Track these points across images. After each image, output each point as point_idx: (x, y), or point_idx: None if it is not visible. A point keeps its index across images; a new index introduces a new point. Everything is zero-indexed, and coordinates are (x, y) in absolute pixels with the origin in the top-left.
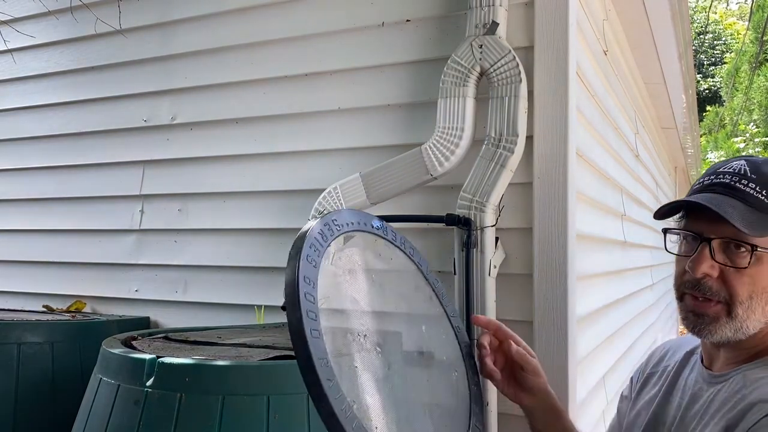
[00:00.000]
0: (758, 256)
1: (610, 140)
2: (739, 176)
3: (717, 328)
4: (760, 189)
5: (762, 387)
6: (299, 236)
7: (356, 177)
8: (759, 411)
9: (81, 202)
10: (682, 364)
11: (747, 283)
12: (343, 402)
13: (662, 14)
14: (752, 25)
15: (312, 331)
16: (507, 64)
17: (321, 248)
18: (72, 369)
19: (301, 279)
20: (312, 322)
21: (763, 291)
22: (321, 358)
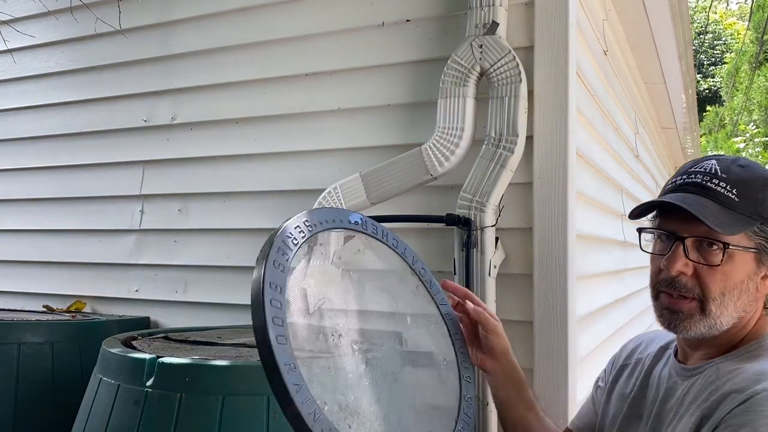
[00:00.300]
0: (730, 254)
1: (610, 140)
2: (711, 176)
3: (691, 325)
4: (731, 188)
5: (735, 378)
6: (267, 240)
7: (356, 177)
8: (732, 400)
9: (81, 202)
10: (656, 358)
11: (720, 280)
12: (311, 406)
13: (662, 14)
14: (752, 25)
15: (278, 338)
16: (507, 64)
17: (290, 251)
18: (72, 369)
19: (267, 285)
20: (278, 328)
21: (734, 287)
22: (287, 364)
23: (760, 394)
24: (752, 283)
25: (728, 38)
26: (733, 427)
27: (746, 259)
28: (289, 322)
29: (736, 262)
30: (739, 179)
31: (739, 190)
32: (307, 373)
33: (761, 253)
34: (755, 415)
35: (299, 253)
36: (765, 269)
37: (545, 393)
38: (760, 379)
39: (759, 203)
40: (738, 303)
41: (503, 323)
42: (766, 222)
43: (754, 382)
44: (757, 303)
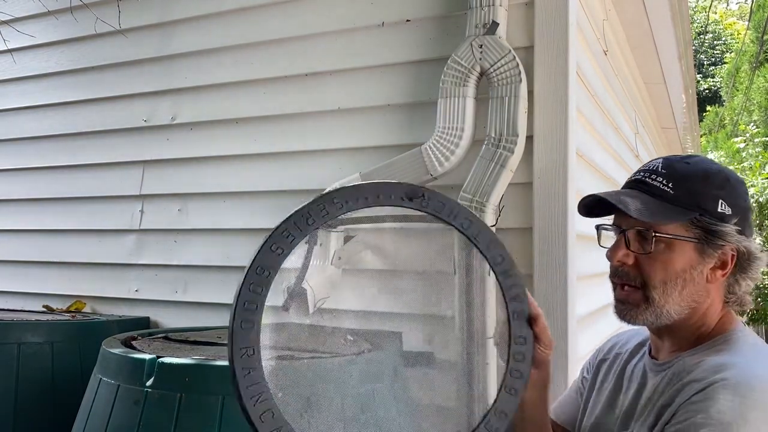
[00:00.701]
0: (668, 244)
1: (610, 140)
2: (650, 172)
3: (638, 313)
4: (667, 182)
5: (696, 369)
6: (282, 220)
7: (356, 177)
8: (691, 389)
9: (81, 202)
10: (632, 354)
11: (659, 269)
12: (258, 390)
13: (662, 14)
14: (752, 25)
15: (243, 323)
16: (507, 64)
17: (300, 233)
18: (72, 369)
19: (254, 268)
20: (247, 313)
21: (677, 276)
22: (243, 348)
23: (717, 382)
24: (697, 273)
25: (728, 38)
26: (690, 413)
27: (686, 248)
28: (273, 306)
29: (676, 252)
30: (677, 174)
31: (675, 184)
32: (276, 364)
33: (703, 243)
34: (711, 401)
35: (322, 232)
36: (712, 260)
37: None
38: (719, 370)
39: (697, 195)
40: (684, 292)
41: None
42: (704, 213)
43: (713, 373)
44: (709, 294)
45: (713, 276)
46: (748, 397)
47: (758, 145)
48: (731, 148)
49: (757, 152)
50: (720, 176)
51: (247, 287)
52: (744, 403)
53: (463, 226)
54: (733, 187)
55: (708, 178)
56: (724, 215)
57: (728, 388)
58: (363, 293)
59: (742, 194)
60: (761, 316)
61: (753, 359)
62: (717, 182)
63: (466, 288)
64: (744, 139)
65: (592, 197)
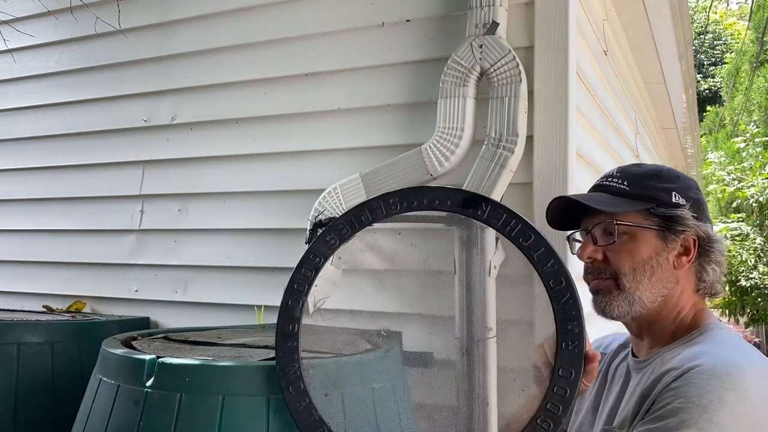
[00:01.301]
0: (630, 234)
1: (610, 140)
2: (607, 176)
3: (612, 300)
4: (622, 181)
5: (673, 359)
6: (361, 203)
7: (356, 177)
8: (669, 377)
9: (81, 202)
10: (614, 354)
11: (626, 258)
12: (305, 407)
13: (662, 14)
14: (752, 25)
15: (291, 301)
16: (507, 64)
17: (365, 222)
18: (72, 369)
19: (309, 255)
20: (296, 293)
21: (644, 263)
22: (290, 323)
23: (693, 369)
24: (662, 259)
25: (728, 38)
26: (669, 398)
27: (648, 236)
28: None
29: (639, 241)
30: (631, 174)
31: (630, 182)
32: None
33: (663, 230)
34: (689, 387)
35: (379, 230)
36: (675, 246)
37: None
38: (695, 358)
39: (651, 189)
40: (653, 279)
41: (503, 323)
42: (661, 204)
43: (689, 360)
44: (678, 281)
45: (679, 262)
46: (725, 381)
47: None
48: (731, 148)
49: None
50: (670, 174)
51: (300, 271)
52: (721, 386)
53: (520, 240)
54: (683, 183)
55: (659, 176)
56: (678, 204)
57: (704, 373)
58: (362, 293)
59: (693, 189)
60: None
61: (726, 347)
62: (667, 178)
63: (466, 288)
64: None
65: (557, 200)
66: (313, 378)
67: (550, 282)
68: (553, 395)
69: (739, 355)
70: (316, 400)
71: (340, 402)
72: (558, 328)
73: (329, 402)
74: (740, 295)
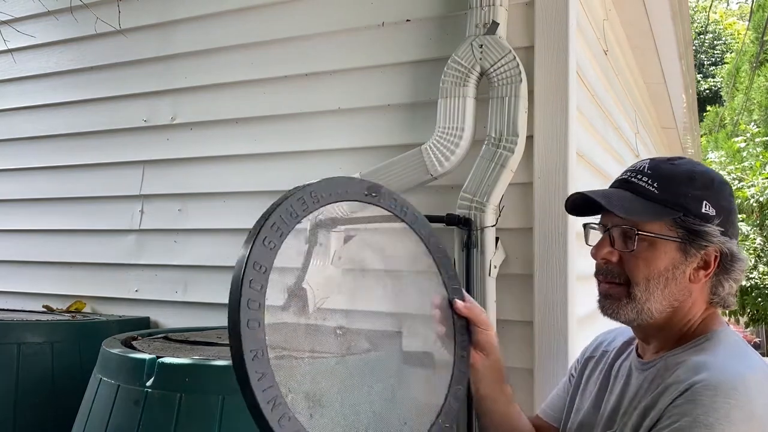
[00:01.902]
0: (651, 242)
1: (610, 140)
2: (636, 172)
3: (620, 308)
4: (652, 182)
5: (677, 370)
6: (263, 213)
7: (356, 177)
8: (673, 391)
9: (81, 202)
10: (619, 352)
11: (642, 267)
12: (272, 394)
13: (662, 14)
14: (752, 25)
15: (249, 322)
16: (507, 64)
17: (287, 227)
18: (72, 369)
19: (251, 264)
20: (251, 312)
21: (659, 275)
22: (252, 350)
23: (699, 383)
24: (680, 273)
25: (728, 38)
26: (675, 416)
27: (669, 247)
28: (270, 305)
29: (659, 250)
30: (662, 174)
31: (660, 184)
32: (277, 362)
33: (685, 243)
34: (694, 404)
35: (294, 230)
36: (695, 260)
37: (545, 393)
38: (699, 370)
39: (681, 196)
40: (666, 291)
41: (503, 323)
42: (688, 213)
43: (694, 373)
44: (692, 294)
45: (696, 276)
46: (731, 397)
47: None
48: (731, 148)
49: (757, 152)
50: (704, 178)
51: (248, 284)
52: (727, 403)
53: (411, 221)
54: (718, 189)
55: (693, 180)
56: (707, 216)
57: (709, 389)
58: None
59: (727, 196)
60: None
61: (732, 358)
62: (701, 183)
63: (466, 288)
64: (744, 138)
65: (578, 195)
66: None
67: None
68: (460, 349)
69: (743, 364)
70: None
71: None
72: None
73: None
74: (740, 295)
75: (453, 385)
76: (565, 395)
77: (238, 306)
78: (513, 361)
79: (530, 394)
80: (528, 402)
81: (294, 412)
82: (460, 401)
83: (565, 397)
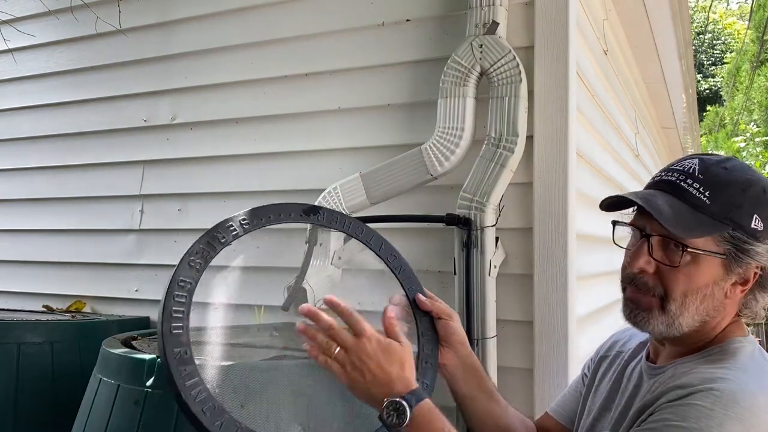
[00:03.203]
0: (695, 257)
1: (610, 140)
2: (686, 175)
3: (650, 319)
4: (704, 189)
5: (683, 377)
6: (198, 238)
7: (356, 177)
8: (673, 394)
9: (81, 202)
10: (633, 353)
11: (682, 281)
12: (196, 387)
13: (662, 14)
14: (753, 25)
15: (172, 328)
16: (507, 64)
17: (214, 250)
18: (72, 369)
19: (176, 282)
20: (175, 319)
21: (698, 290)
22: (177, 349)
23: (701, 391)
24: (718, 289)
25: (728, 38)
26: (666, 413)
27: (713, 263)
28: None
29: (702, 266)
30: (715, 181)
31: (712, 193)
32: (204, 362)
33: (729, 259)
34: (688, 407)
35: (229, 250)
36: (735, 276)
37: (545, 393)
38: (706, 381)
39: (734, 208)
40: (701, 307)
41: (503, 323)
42: (738, 228)
43: (700, 382)
44: (725, 309)
45: (733, 292)
46: (730, 409)
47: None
48: (731, 148)
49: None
50: (758, 187)
51: (171, 298)
52: (725, 414)
53: (357, 233)
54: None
55: (747, 189)
56: (756, 231)
57: (710, 397)
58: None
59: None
60: None
61: (745, 373)
62: (754, 194)
63: (466, 288)
64: (744, 138)
65: (618, 198)
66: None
67: (387, 259)
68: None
69: (755, 380)
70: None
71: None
72: (404, 289)
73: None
74: None
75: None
76: (578, 395)
77: (163, 315)
78: (513, 361)
79: (530, 394)
80: (528, 402)
81: (222, 402)
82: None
83: (578, 397)
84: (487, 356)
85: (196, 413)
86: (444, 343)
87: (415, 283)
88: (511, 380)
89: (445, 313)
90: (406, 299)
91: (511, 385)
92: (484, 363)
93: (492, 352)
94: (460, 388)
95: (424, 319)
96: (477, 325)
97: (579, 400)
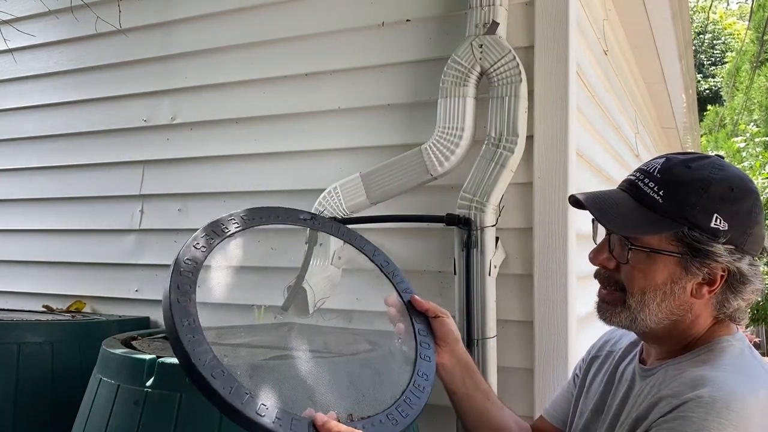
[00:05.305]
0: (649, 254)
1: (610, 140)
2: (645, 174)
3: (614, 314)
4: (658, 189)
5: (673, 382)
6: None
7: (356, 177)
8: (666, 405)
9: (81, 202)
10: (624, 354)
11: (638, 278)
12: (205, 354)
13: (662, 14)
14: (753, 25)
15: (179, 299)
16: (507, 64)
17: (217, 237)
18: (72, 369)
19: (182, 259)
20: (181, 291)
21: (656, 288)
22: (185, 318)
23: (692, 400)
24: (678, 288)
25: (728, 38)
26: (663, 430)
27: (668, 262)
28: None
29: (657, 264)
30: (672, 180)
31: (666, 192)
32: (216, 335)
33: (686, 258)
34: (684, 420)
35: (230, 240)
36: (698, 276)
37: (545, 393)
38: (696, 386)
39: (687, 207)
40: (662, 304)
41: (503, 323)
42: (694, 227)
43: (690, 388)
44: (693, 308)
45: (699, 291)
46: (723, 416)
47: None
48: (731, 148)
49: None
50: (722, 186)
51: (178, 273)
52: (720, 423)
53: (351, 239)
54: (735, 200)
55: (706, 188)
56: (717, 231)
57: (702, 406)
58: (360, 293)
59: (747, 208)
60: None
61: (734, 373)
62: (716, 193)
63: (466, 288)
64: (744, 138)
65: (573, 198)
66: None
67: (380, 264)
68: (421, 336)
69: (744, 384)
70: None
71: None
72: (397, 291)
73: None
74: None
75: (415, 376)
76: (570, 396)
77: (169, 289)
78: (513, 361)
79: (530, 394)
80: (528, 402)
81: (228, 368)
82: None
83: (570, 398)
84: (487, 356)
85: (207, 378)
86: (440, 342)
87: (406, 283)
88: (511, 380)
89: (440, 311)
90: (400, 300)
91: (511, 385)
92: (484, 363)
93: (492, 352)
94: (457, 387)
95: (419, 319)
96: (477, 325)
97: (571, 401)
